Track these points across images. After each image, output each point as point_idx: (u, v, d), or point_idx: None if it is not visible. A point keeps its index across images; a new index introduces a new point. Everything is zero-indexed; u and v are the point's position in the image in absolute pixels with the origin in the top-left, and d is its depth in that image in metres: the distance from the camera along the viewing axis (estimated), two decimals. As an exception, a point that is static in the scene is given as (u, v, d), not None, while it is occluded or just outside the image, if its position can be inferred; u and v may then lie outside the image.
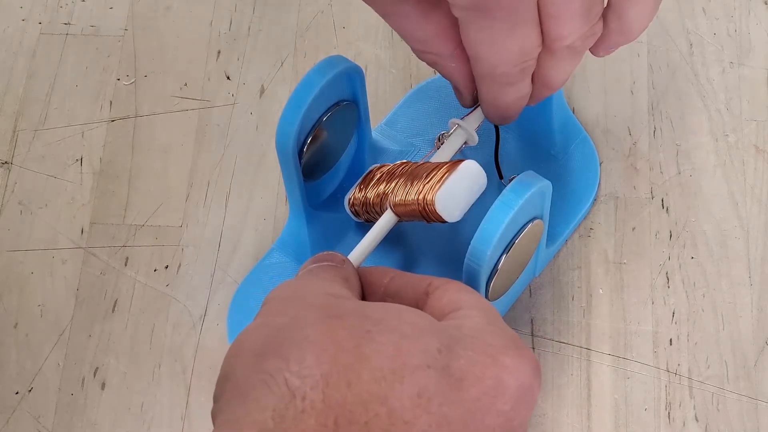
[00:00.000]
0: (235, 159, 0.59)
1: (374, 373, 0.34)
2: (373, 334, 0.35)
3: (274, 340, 0.36)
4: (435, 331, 0.37)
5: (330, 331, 0.35)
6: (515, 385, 0.36)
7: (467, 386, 0.35)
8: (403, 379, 0.34)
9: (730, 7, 0.61)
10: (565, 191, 0.55)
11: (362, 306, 0.38)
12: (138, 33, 0.63)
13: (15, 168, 0.59)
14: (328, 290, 0.39)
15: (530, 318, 0.54)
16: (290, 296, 0.39)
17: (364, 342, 0.35)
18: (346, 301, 0.38)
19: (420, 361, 0.35)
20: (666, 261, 0.55)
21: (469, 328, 0.38)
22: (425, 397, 0.34)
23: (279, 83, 0.61)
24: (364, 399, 0.34)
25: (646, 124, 0.58)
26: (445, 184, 0.46)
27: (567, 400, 0.52)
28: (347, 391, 0.34)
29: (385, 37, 0.62)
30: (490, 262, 0.45)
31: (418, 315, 0.37)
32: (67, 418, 0.53)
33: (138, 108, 0.61)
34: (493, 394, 0.36)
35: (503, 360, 0.36)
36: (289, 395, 0.34)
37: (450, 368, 0.35)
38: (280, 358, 0.35)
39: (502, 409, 0.36)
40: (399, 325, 0.36)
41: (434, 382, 0.35)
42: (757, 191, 0.56)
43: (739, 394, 0.52)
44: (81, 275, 0.56)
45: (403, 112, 0.58)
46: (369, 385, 0.34)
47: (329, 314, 0.36)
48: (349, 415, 0.33)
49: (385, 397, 0.34)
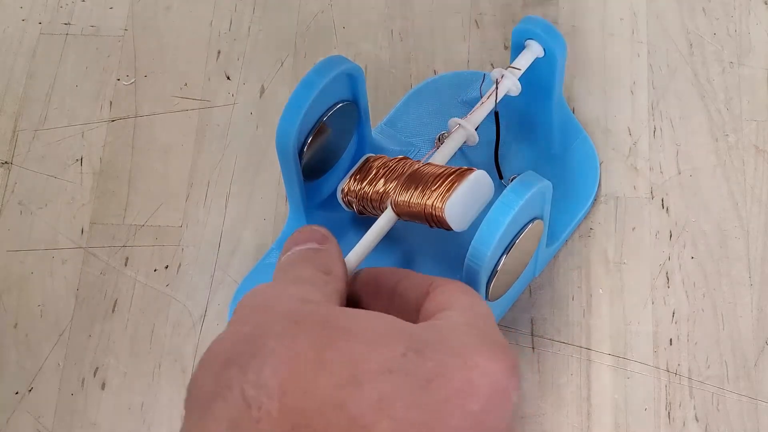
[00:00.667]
0: (235, 159, 0.59)
1: (333, 380, 0.34)
2: (334, 341, 0.35)
3: (236, 350, 0.36)
4: (402, 335, 0.36)
5: (291, 340, 0.35)
6: (486, 385, 0.36)
7: (435, 388, 0.35)
8: (362, 385, 0.34)
9: (730, 7, 0.61)
10: (565, 191, 0.55)
11: (328, 312, 0.38)
12: (138, 33, 0.63)
13: (15, 168, 0.59)
14: (299, 295, 0.39)
15: (530, 318, 0.54)
16: (259, 304, 0.38)
17: (325, 349, 0.35)
18: (313, 307, 0.38)
19: (381, 366, 0.35)
20: (666, 261, 0.55)
21: (446, 329, 0.38)
22: (386, 402, 0.34)
23: (279, 83, 0.61)
24: (322, 406, 0.34)
25: (646, 124, 0.58)
26: (455, 193, 0.46)
27: (567, 400, 0.52)
28: (304, 399, 0.34)
29: (385, 37, 0.62)
30: (491, 262, 0.45)
31: (385, 320, 0.37)
32: (67, 418, 0.53)
33: (138, 108, 0.61)
34: (461, 395, 0.35)
35: (474, 360, 0.36)
36: (245, 406, 0.34)
37: (417, 372, 0.35)
38: (239, 369, 0.35)
39: (472, 410, 0.35)
40: (362, 331, 0.36)
41: (396, 386, 0.34)
42: (757, 191, 0.56)
43: (739, 394, 0.52)
44: (81, 275, 0.56)
45: (403, 112, 0.58)
46: (327, 391, 0.34)
47: (292, 322, 0.36)
48: (307, 422, 0.33)
49: (344, 404, 0.34)
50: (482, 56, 0.61)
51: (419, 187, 0.47)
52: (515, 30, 0.52)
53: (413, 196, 0.47)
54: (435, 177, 0.47)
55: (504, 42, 0.61)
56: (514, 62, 0.52)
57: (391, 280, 0.43)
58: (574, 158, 0.56)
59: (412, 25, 0.62)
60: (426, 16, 0.62)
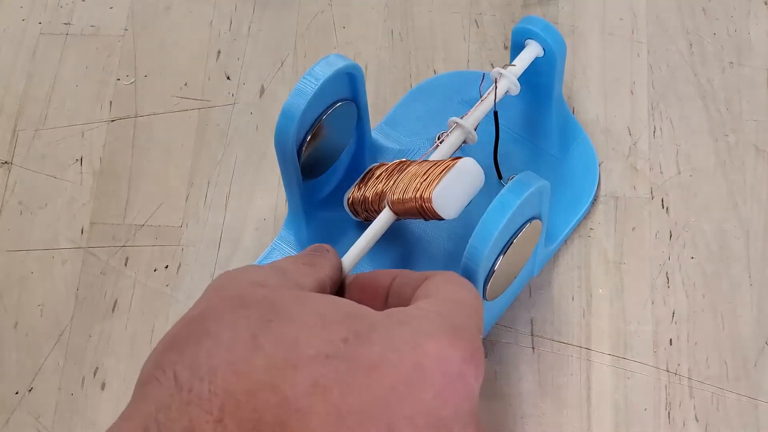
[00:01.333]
0: (235, 159, 0.59)
1: (267, 362, 0.34)
2: (273, 324, 0.36)
3: (179, 333, 0.37)
4: (346, 320, 0.36)
5: (231, 323, 0.36)
6: (439, 372, 0.35)
7: (380, 374, 0.34)
8: (296, 369, 0.34)
9: (730, 7, 0.61)
10: (564, 191, 0.55)
11: (276, 296, 0.38)
12: (138, 33, 0.63)
13: (15, 168, 0.59)
14: (255, 279, 0.39)
15: (530, 318, 0.54)
16: (215, 286, 0.39)
17: (262, 332, 0.35)
18: (264, 291, 0.38)
19: (317, 351, 0.35)
20: (666, 261, 0.55)
21: (408, 315, 0.37)
22: (321, 387, 0.34)
23: (279, 83, 0.61)
24: (253, 388, 0.34)
25: (646, 124, 0.58)
26: (442, 182, 0.46)
27: (567, 400, 0.52)
28: (236, 381, 0.34)
29: (385, 37, 0.62)
30: (488, 262, 0.45)
31: (336, 306, 0.37)
32: (67, 418, 0.53)
33: (138, 108, 0.61)
34: (410, 381, 0.35)
35: (427, 347, 0.35)
36: (177, 388, 0.34)
37: (358, 357, 0.35)
38: (177, 353, 0.35)
39: (423, 397, 0.35)
40: (303, 315, 0.36)
41: (333, 371, 0.34)
42: (757, 191, 0.56)
43: (739, 394, 0.52)
44: (81, 275, 0.56)
45: (402, 112, 0.58)
46: (259, 374, 0.34)
47: (236, 305, 0.37)
48: (236, 402, 0.34)
49: (276, 386, 0.34)
50: (482, 56, 0.61)
51: (412, 182, 0.47)
52: (515, 30, 0.52)
53: (406, 191, 0.47)
54: (426, 171, 0.47)
55: (504, 42, 0.61)
56: (514, 61, 0.52)
57: (386, 278, 0.43)
58: (574, 158, 0.56)
59: (412, 25, 0.62)
60: (426, 16, 0.62)
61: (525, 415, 0.52)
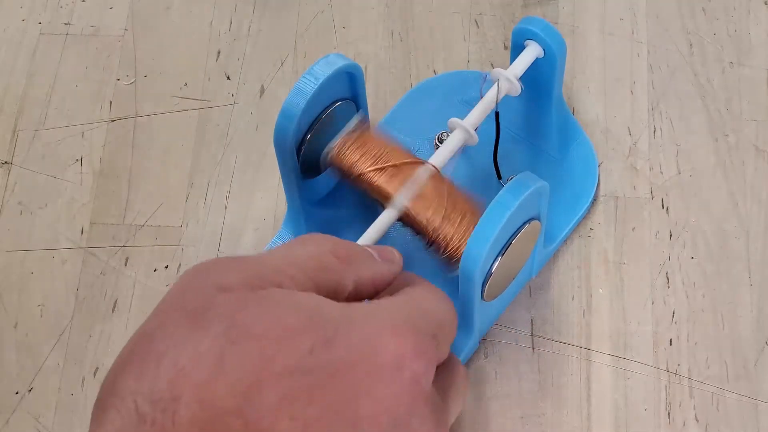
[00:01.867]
0: (235, 159, 0.59)
1: (231, 387, 0.33)
2: (237, 343, 0.34)
3: (137, 352, 0.35)
4: (310, 326, 0.35)
5: (192, 344, 0.34)
6: (390, 368, 0.35)
7: (341, 377, 0.34)
8: (261, 389, 0.33)
9: (730, 7, 0.61)
10: (564, 191, 0.55)
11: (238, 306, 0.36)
12: (138, 33, 0.63)
13: (15, 168, 0.59)
14: (219, 281, 0.37)
15: (530, 318, 0.54)
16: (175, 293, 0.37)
17: (227, 353, 0.34)
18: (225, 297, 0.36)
19: (283, 367, 0.34)
20: (666, 261, 0.55)
21: (361, 311, 0.37)
22: (287, 402, 0.33)
23: (279, 83, 0.61)
24: (218, 414, 0.33)
25: (646, 124, 0.58)
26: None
27: (567, 400, 0.52)
28: (199, 410, 0.33)
29: (385, 37, 0.62)
30: (486, 263, 0.45)
31: (293, 309, 0.36)
32: (67, 418, 0.53)
33: (138, 108, 0.61)
34: (367, 380, 0.34)
35: (379, 342, 0.35)
36: (139, 420, 0.33)
37: (323, 365, 0.34)
38: (135, 378, 0.34)
39: (379, 395, 0.34)
40: (268, 328, 0.35)
41: (299, 384, 0.34)
42: (757, 191, 0.56)
43: (739, 394, 0.52)
44: (81, 275, 0.56)
45: (402, 112, 0.58)
46: (224, 400, 0.33)
47: (197, 321, 0.35)
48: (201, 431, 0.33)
49: (240, 410, 0.33)
50: (482, 56, 0.61)
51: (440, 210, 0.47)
52: (515, 30, 0.52)
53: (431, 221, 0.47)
54: (460, 206, 0.47)
55: (504, 42, 0.61)
56: (514, 63, 0.52)
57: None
58: (574, 158, 0.56)
59: (412, 25, 0.62)
60: (426, 16, 0.62)
61: (525, 415, 0.52)
